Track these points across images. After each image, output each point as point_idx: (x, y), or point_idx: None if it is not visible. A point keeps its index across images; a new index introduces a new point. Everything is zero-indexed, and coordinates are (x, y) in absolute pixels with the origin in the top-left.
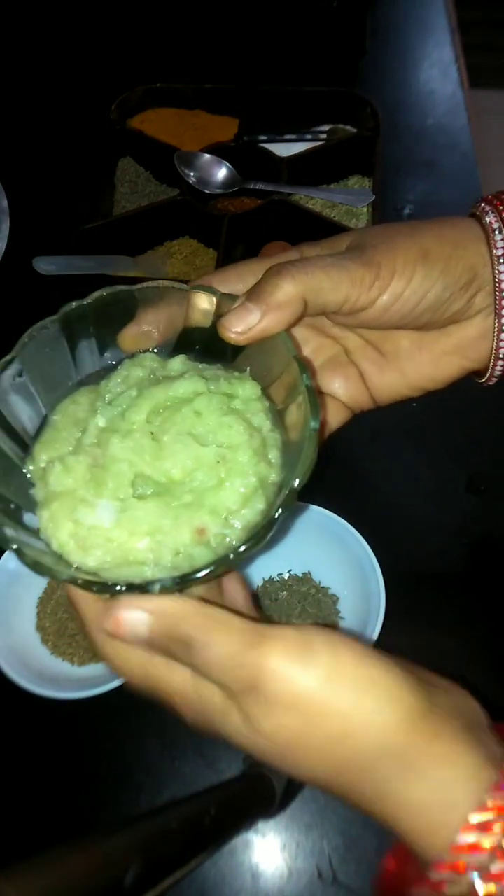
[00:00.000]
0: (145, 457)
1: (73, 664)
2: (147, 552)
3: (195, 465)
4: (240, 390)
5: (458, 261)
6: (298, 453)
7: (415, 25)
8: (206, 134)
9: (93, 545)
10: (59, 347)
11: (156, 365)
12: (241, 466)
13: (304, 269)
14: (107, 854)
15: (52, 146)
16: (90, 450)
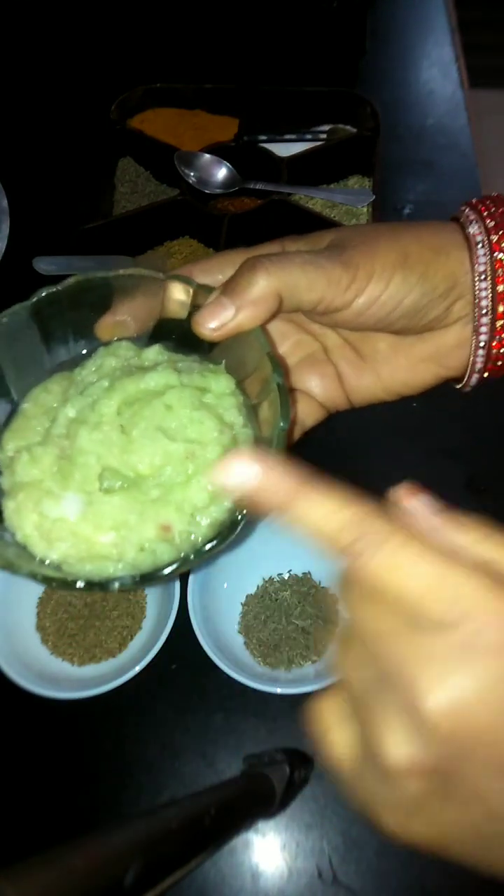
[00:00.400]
0: (113, 450)
1: (73, 664)
2: (111, 547)
3: (164, 461)
4: (213, 384)
5: (438, 268)
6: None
7: (415, 25)
8: (206, 134)
9: (57, 538)
10: (30, 334)
11: (131, 354)
12: (210, 463)
13: (279, 264)
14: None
15: (52, 146)
16: (59, 441)
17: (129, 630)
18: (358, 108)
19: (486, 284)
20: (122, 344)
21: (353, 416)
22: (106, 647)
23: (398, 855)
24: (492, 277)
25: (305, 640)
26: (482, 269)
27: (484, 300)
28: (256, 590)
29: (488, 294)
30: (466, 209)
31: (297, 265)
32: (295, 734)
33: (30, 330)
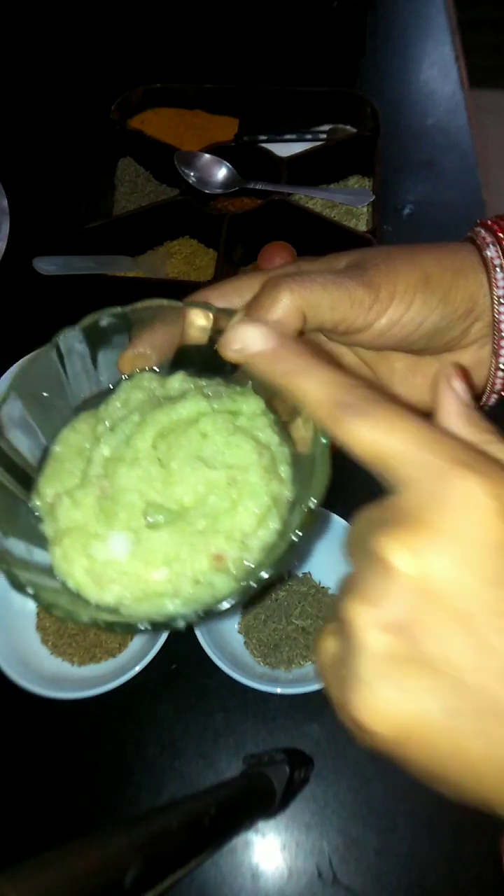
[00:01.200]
0: (155, 485)
1: (73, 664)
2: (166, 583)
3: (206, 490)
4: (244, 406)
5: (458, 290)
6: (310, 467)
7: (415, 25)
8: (206, 134)
9: (109, 580)
10: (54, 374)
11: (154, 384)
12: (253, 487)
13: (302, 283)
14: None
15: (52, 146)
16: (97, 481)
17: None
18: (358, 108)
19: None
20: (144, 375)
21: None
22: (106, 647)
23: (398, 855)
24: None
25: (305, 640)
26: (501, 292)
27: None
28: None
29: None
30: (482, 230)
31: (319, 284)
32: (295, 734)
33: (52, 371)
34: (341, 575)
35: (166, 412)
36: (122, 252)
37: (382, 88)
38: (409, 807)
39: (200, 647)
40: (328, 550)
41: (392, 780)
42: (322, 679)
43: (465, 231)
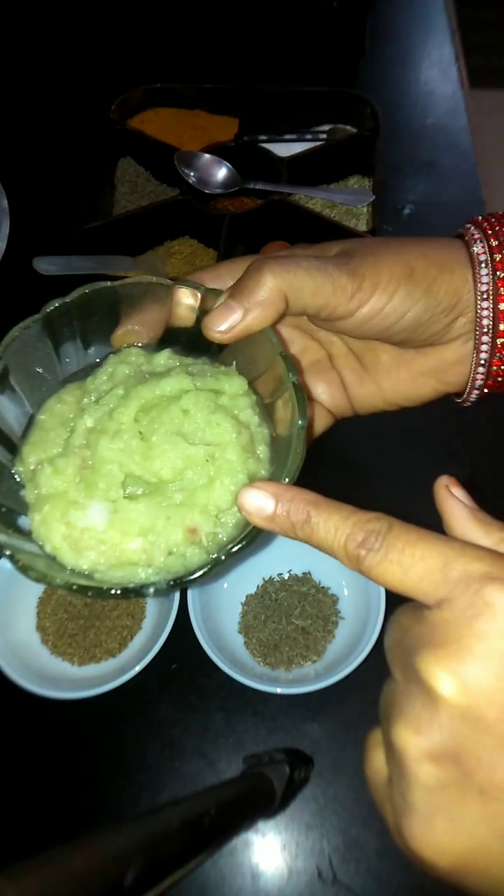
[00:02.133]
0: (135, 457)
1: (73, 664)
2: (140, 553)
3: (185, 465)
4: (226, 386)
5: (442, 284)
6: (287, 448)
7: (415, 25)
8: (206, 134)
9: (86, 547)
10: (42, 346)
11: (141, 360)
12: (231, 464)
13: (286, 267)
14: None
15: (52, 146)
16: (79, 451)
17: (129, 630)
18: (358, 108)
19: (488, 304)
20: (132, 350)
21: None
22: (106, 647)
23: (398, 855)
24: (493, 296)
25: (305, 640)
26: (484, 288)
27: (485, 319)
28: (256, 590)
29: (489, 313)
30: (471, 227)
31: (303, 269)
32: (295, 734)
33: (41, 342)
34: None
35: (150, 387)
36: (122, 252)
37: (382, 88)
38: None
39: (200, 647)
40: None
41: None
42: (373, 796)
43: None
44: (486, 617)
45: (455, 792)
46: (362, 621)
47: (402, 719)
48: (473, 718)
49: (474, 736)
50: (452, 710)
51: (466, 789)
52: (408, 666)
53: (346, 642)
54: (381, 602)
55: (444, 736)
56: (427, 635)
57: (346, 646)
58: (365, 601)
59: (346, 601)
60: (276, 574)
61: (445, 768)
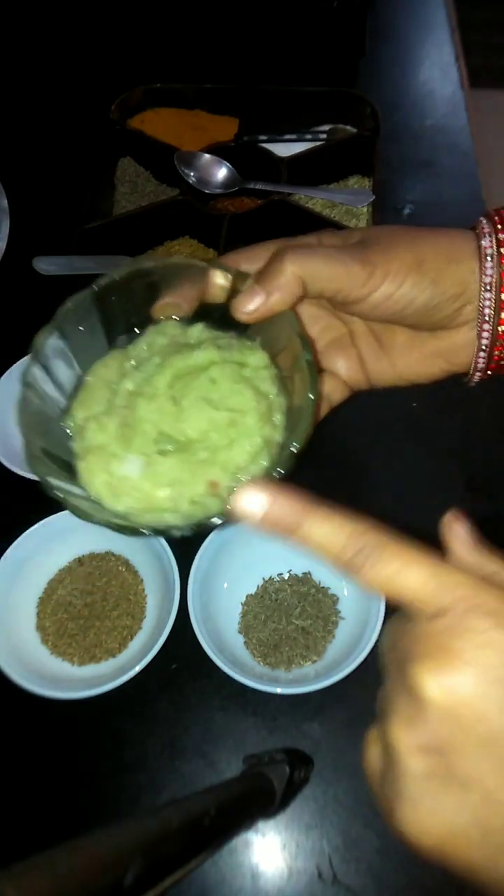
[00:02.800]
0: (167, 418)
1: (73, 664)
2: (168, 501)
3: (209, 427)
4: (250, 359)
5: (449, 274)
6: (299, 417)
7: (415, 25)
8: (206, 134)
9: (122, 493)
10: (91, 316)
11: (177, 332)
12: (249, 429)
13: (304, 255)
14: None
15: (52, 146)
16: (120, 410)
17: (129, 630)
18: (358, 108)
19: (490, 294)
20: (169, 323)
21: (354, 416)
22: (106, 647)
23: (398, 855)
24: (496, 288)
25: (305, 640)
26: (488, 279)
27: (487, 308)
28: (256, 590)
29: (491, 304)
30: (483, 220)
31: (320, 256)
32: (295, 734)
33: (90, 313)
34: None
35: (183, 357)
36: (122, 252)
37: (382, 88)
38: None
39: (200, 647)
40: None
41: None
42: (370, 786)
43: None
44: (467, 637)
45: (439, 781)
46: (362, 621)
47: (395, 717)
48: (455, 718)
49: (456, 734)
50: (437, 711)
51: (449, 780)
52: (400, 671)
53: (346, 642)
54: (381, 602)
55: (430, 732)
56: (418, 646)
57: (346, 646)
58: (365, 601)
59: (346, 601)
60: (275, 574)
61: (432, 760)
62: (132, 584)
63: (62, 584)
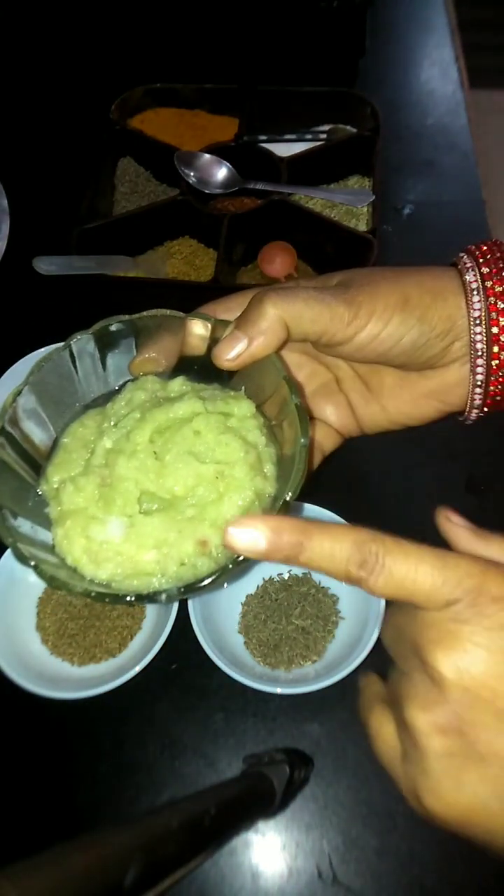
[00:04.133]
0: (150, 475)
1: (73, 664)
2: (154, 563)
3: (196, 482)
4: (235, 409)
5: (435, 311)
6: (291, 465)
7: (415, 25)
8: (206, 134)
9: (104, 559)
10: (66, 373)
11: (157, 387)
12: (239, 481)
13: (285, 297)
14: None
15: (52, 146)
16: (99, 470)
17: (129, 630)
18: (358, 108)
19: (481, 329)
20: (148, 378)
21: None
22: (106, 647)
23: (398, 855)
24: (486, 322)
25: (305, 640)
26: (476, 314)
27: (479, 343)
28: (256, 590)
29: (482, 338)
30: (464, 256)
31: (301, 299)
32: (295, 734)
33: (65, 370)
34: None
35: (164, 410)
36: (122, 252)
37: (382, 88)
38: (409, 807)
39: (200, 647)
40: None
41: (392, 780)
42: (387, 768)
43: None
44: (476, 621)
45: (460, 758)
46: (362, 621)
47: (414, 701)
48: (472, 698)
49: (474, 712)
50: (455, 691)
51: (469, 756)
52: (415, 656)
53: (346, 642)
54: (381, 602)
55: (448, 712)
56: (430, 632)
57: (346, 646)
58: (365, 601)
59: (346, 601)
60: (276, 574)
61: (451, 739)
62: None
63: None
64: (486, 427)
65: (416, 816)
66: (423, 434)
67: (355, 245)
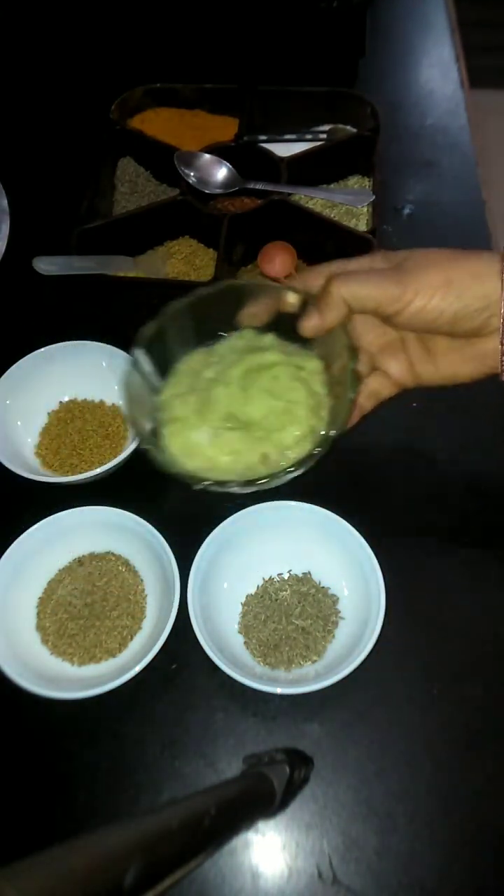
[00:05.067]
0: (236, 402)
1: (72, 664)
2: (228, 464)
3: (268, 412)
4: (308, 364)
5: (474, 290)
6: (339, 412)
7: (415, 25)
8: (206, 134)
9: (194, 455)
10: (187, 319)
11: (253, 338)
12: (299, 418)
13: (348, 280)
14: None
15: (52, 146)
16: (201, 392)
17: (130, 630)
18: (358, 108)
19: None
20: (247, 331)
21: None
22: (106, 647)
23: (398, 855)
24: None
25: (305, 640)
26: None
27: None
28: (256, 590)
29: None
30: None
31: (361, 280)
32: (295, 734)
33: (186, 316)
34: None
35: (255, 356)
36: (122, 252)
37: (382, 88)
38: (409, 807)
39: (200, 647)
40: (328, 550)
41: (392, 780)
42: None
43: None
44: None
45: None
46: (362, 621)
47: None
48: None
49: None
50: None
51: None
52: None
53: (346, 642)
54: (381, 602)
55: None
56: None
57: (345, 646)
58: (365, 601)
59: (346, 601)
60: (275, 574)
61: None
62: (132, 584)
63: (62, 584)
64: (486, 427)
65: (416, 816)
66: (423, 434)
67: (355, 245)
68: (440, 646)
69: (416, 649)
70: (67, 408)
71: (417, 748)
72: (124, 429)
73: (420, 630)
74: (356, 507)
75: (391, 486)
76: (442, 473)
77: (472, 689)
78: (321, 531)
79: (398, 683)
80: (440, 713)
